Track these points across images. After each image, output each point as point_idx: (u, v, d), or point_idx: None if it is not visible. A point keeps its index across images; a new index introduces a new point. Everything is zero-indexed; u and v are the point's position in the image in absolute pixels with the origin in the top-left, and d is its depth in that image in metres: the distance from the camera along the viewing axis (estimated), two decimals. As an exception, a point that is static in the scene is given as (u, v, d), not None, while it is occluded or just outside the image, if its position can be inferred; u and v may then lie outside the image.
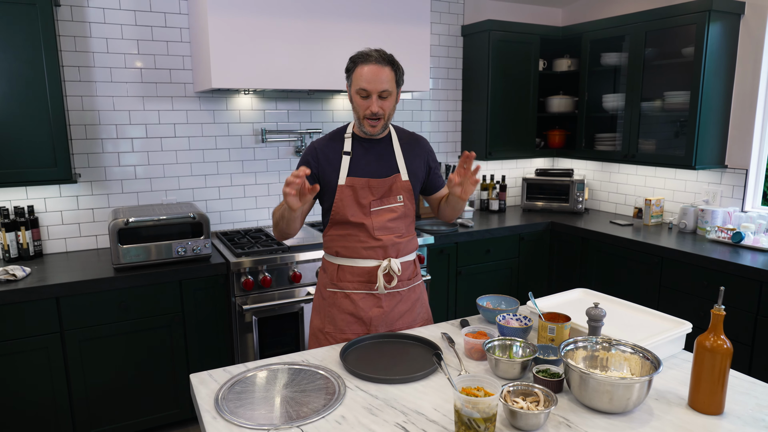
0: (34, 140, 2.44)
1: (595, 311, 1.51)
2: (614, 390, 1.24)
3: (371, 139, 1.86)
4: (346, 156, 1.83)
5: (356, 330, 1.84)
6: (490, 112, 3.63)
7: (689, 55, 3.07)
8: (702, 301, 2.73)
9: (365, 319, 1.84)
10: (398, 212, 1.85)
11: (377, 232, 1.82)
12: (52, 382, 2.36)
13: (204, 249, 2.62)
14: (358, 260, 1.83)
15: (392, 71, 1.75)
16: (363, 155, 1.84)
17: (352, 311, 1.84)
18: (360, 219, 1.81)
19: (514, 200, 4.23)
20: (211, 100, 3.07)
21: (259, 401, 1.36)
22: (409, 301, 1.91)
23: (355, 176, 1.82)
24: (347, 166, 1.82)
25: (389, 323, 1.86)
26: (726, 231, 2.92)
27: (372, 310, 1.84)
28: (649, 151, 3.35)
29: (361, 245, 1.82)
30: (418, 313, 1.94)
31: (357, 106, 1.77)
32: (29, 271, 2.44)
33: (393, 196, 1.85)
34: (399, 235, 1.86)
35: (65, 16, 2.68)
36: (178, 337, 2.58)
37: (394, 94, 1.78)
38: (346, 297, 1.85)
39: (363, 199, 1.82)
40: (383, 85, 1.72)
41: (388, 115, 1.78)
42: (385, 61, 1.73)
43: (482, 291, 3.38)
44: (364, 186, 1.82)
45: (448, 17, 3.74)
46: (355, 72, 1.75)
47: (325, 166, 1.84)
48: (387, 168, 1.85)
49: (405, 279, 1.89)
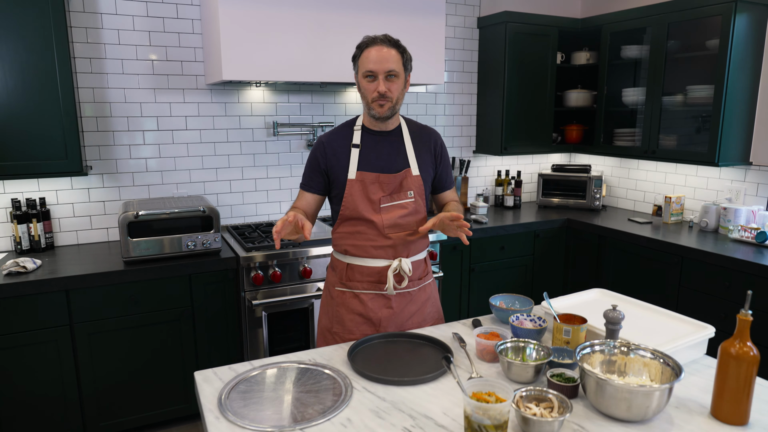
0: (45, 132, 2.43)
1: (613, 314, 1.45)
2: (633, 397, 1.19)
3: (381, 132, 1.81)
4: (355, 149, 1.78)
5: (365, 330, 1.79)
6: (506, 106, 3.56)
7: (713, 48, 2.96)
8: (724, 303, 2.64)
9: (374, 320, 1.79)
10: (409, 208, 1.79)
11: (387, 230, 1.76)
12: (61, 375, 2.36)
13: (214, 243, 2.60)
14: (367, 260, 1.79)
15: (398, 53, 1.71)
16: (372, 148, 1.79)
17: (362, 312, 1.80)
18: (370, 216, 1.76)
19: (530, 196, 4.15)
20: (222, 93, 3.04)
21: (263, 401, 1.32)
22: (419, 301, 1.86)
23: (364, 170, 1.77)
24: (356, 160, 1.77)
25: (399, 324, 1.82)
26: (750, 230, 2.82)
27: (382, 311, 1.79)
28: (670, 147, 3.25)
29: (371, 244, 1.77)
30: (428, 312, 1.89)
31: (364, 90, 1.72)
32: (40, 263, 2.44)
33: (404, 191, 1.79)
34: (410, 233, 1.80)
35: (77, 7, 2.67)
36: (187, 331, 2.56)
37: (401, 77, 1.72)
38: (355, 297, 1.80)
39: (373, 195, 1.76)
40: (389, 64, 1.68)
41: (396, 98, 1.73)
42: (391, 43, 1.70)
43: (496, 289, 3.32)
44: (374, 181, 1.76)
45: (464, 9, 3.67)
46: (361, 56, 1.71)
47: (333, 160, 1.79)
48: (397, 162, 1.80)
49: (415, 279, 1.84)
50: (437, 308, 1.94)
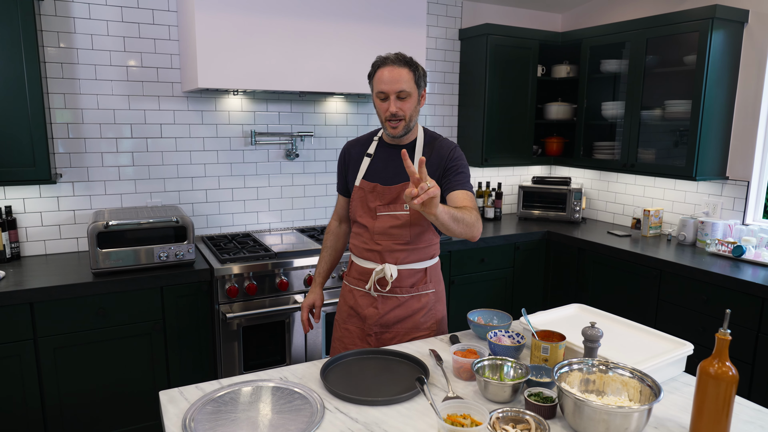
0: (12, 138, 2.34)
1: (592, 331, 1.42)
2: (611, 419, 1.15)
3: (396, 145, 1.86)
4: (368, 158, 1.90)
5: (355, 323, 1.93)
6: (487, 117, 3.55)
7: (691, 64, 2.99)
8: (701, 316, 2.64)
9: (362, 316, 1.91)
10: (402, 220, 1.82)
11: (377, 237, 1.85)
12: (24, 391, 2.26)
13: (187, 254, 2.53)
14: (360, 260, 1.92)
15: (410, 72, 1.74)
16: (383, 159, 1.87)
17: (352, 305, 1.94)
18: (365, 221, 1.87)
19: (510, 208, 4.15)
20: (199, 101, 2.98)
21: (231, 424, 1.26)
22: (411, 308, 1.87)
23: (367, 180, 1.88)
24: (365, 169, 1.90)
25: (385, 324, 1.88)
26: (726, 244, 2.84)
27: (368, 309, 1.89)
28: (649, 160, 3.27)
29: (364, 246, 1.89)
30: (422, 321, 1.89)
31: (378, 109, 1.80)
32: (4, 275, 2.34)
33: (400, 203, 1.82)
34: (402, 243, 1.83)
35: (48, 10, 2.59)
36: (158, 345, 2.48)
37: (414, 95, 1.76)
38: (350, 291, 1.95)
39: (371, 203, 1.86)
40: (400, 85, 1.72)
41: (410, 116, 1.77)
42: (402, 62, 1.74)
43: (476, 301, 3.29)
44: (372, 190, 1.86)
45: (446, 20, 3.66)
46: (375, 76, 1.78)
47: (350, 166, 1.95)
48: (400, 175, 1.83)
49: (407, 286, 1.86)
50: (436, 320, 1.92)
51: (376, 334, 1.89)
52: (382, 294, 1.86)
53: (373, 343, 1.89)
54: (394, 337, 1.87)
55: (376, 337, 1.89)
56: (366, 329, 1.90)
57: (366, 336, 1.91)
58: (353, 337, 1.93)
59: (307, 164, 3.33)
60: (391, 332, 1.88)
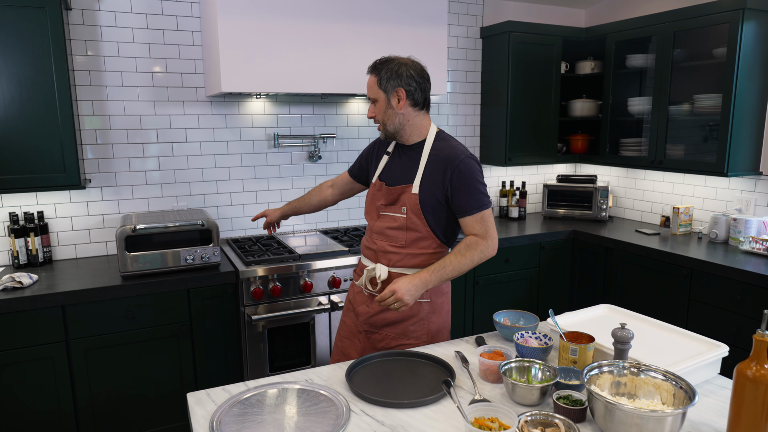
0: (43, 145, 2.40)
1: (622, 333, 1.39)
2: (644, 423, 1.12)
3: (407, 146, 1.88)
4: (386, 156, 1.93)
5: (350, 317, 1.97)
6: (510, 116, 3.51)
7: (721, 56, 2.91)
8: (735, 317, 2.57)
9: (356, 312, 1.94)
10: (398, 222, 1.81)
11: (374, 236, 1.88)
12: (57, 392, 2.31)
13: (213, 257, 2.56)
14: (362, 256, 1.97)
15: (374, 76, 1.78)
16: (396, 159, 1.90)
17: (351, 299, 1.99)
18: (369, 219, 1.93)
19: (535, 207, 4.10)
20: (222, 105, 3.02)
21: (257, 426, 1.27)
22: (400, 315, 1.81)
23: (380, 178, 1.91)
24: (382, 167, 1.93)
25: (374, 325, 1.87)
26: (761, 242, 2.75)
27: (360, 306, 1.92)
28: (678, 156, 3.19)
29: (365, 243, 1.94)
30: (412, 330, 1.83)
31: None
32: (36, 278, 2.40)
33: (398, 206, 1.82)
34: (397, 245, 1.82)
35: (76, 20, 2.65)
36: (185, 347, 2.52)
37: (380, 100, 1.79)
38: (352, 285, 2.01)
39: (377, 201, 1.89)
40: (369, 91, 1.81)
41: (383, 120, 1.81)
42: (371, 68, 1.80)
43: (501, 302, 3.26)
44: (379, 189, 1.89)
45: (467, 19, 3.64)
46: None
47: (372, 161, 2.01)
48: (404, 177, 1.83)
49: None
50: (428, 331, 1.85)
51: (366, 332, 1.89)
52: (372, 294, 1.86)
53: (362, 340, 1.90)
54: (383, 339, 1.85)
55: (366, 335, 1.89)
56: (358, 325, 1.92)
57: (357, 332, 1.92)
58: (348, 330, 1.97)
59: (329, 166, 3.34)
60: (380, 334, 1.86)
